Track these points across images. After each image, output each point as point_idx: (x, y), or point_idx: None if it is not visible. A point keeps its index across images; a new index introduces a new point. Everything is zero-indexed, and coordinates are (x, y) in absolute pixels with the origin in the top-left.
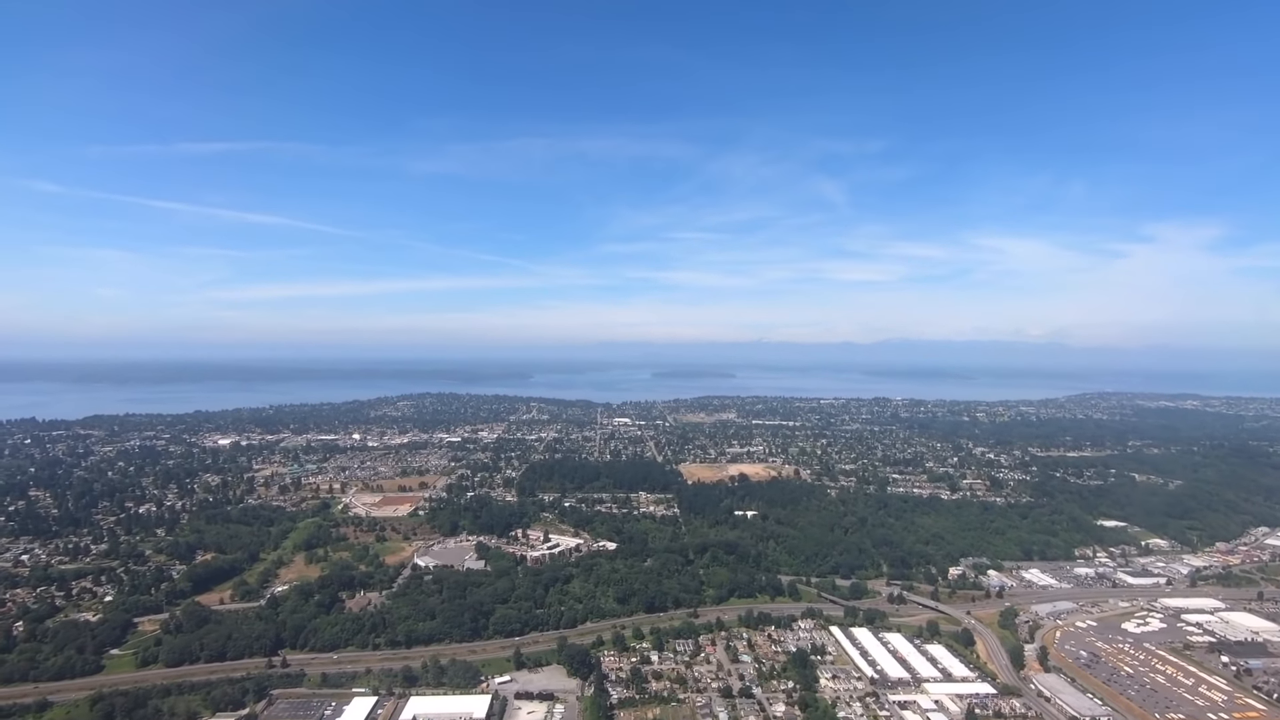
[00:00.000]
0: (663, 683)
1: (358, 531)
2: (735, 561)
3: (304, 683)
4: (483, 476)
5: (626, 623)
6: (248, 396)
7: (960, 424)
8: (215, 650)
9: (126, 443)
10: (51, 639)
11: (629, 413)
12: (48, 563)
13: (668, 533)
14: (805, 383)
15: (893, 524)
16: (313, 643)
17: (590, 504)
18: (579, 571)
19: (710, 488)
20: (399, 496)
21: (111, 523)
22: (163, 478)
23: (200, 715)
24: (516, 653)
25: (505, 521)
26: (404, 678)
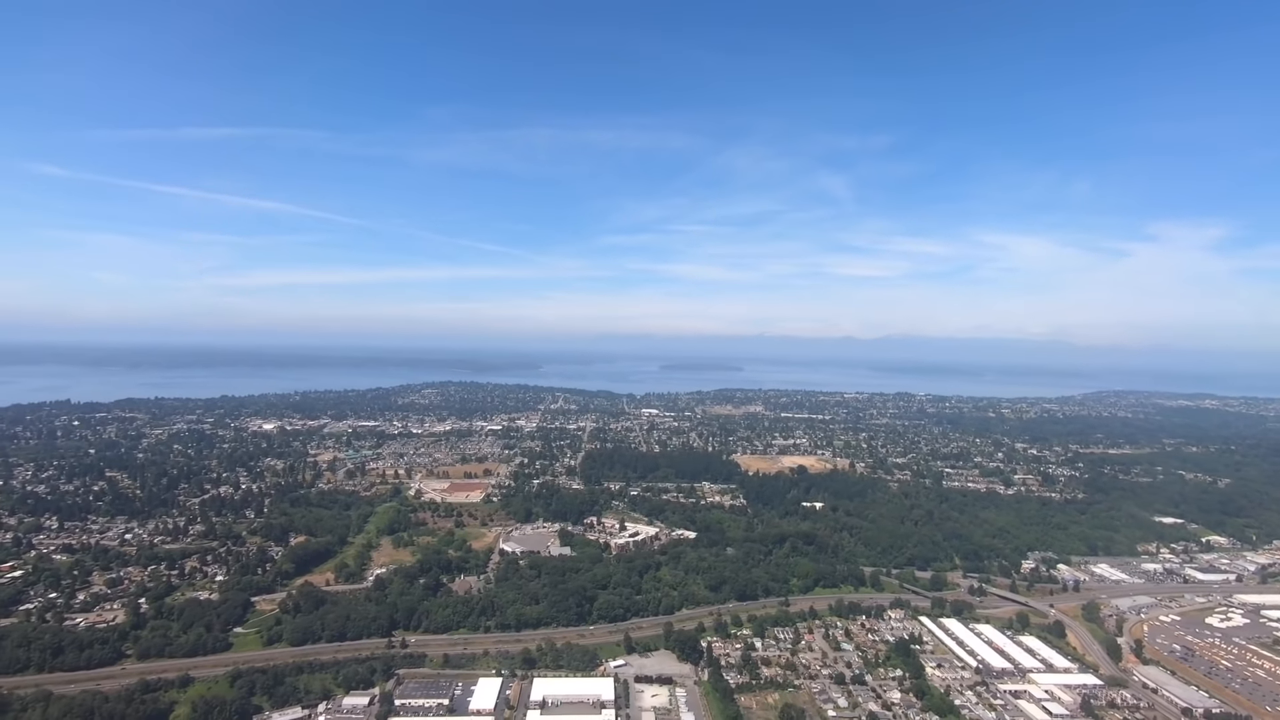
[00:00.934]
0: (773, 669)
1: (435, 517)
2: (814, 552)
3: (426, 663)
4: (541, 464)
5: (722, 610)
6: (265, 383)
7: (988, 420)
8: (335, 630)
9: (171, 426)
10: (178, 616)
11: (655, 404)
12: (151, 542)
13: (741, 523)
14: (811, 377)
15: (957, 518)
16: (425, 624)
17: (656, 493)
18: (666, 560)
19: (772, 479)
20: (466, 483)
21: (196, 504)
22: (226, 461)
23: (334, 693)
24: (626, 638)
25: (577, 509)
26: (523, 660)
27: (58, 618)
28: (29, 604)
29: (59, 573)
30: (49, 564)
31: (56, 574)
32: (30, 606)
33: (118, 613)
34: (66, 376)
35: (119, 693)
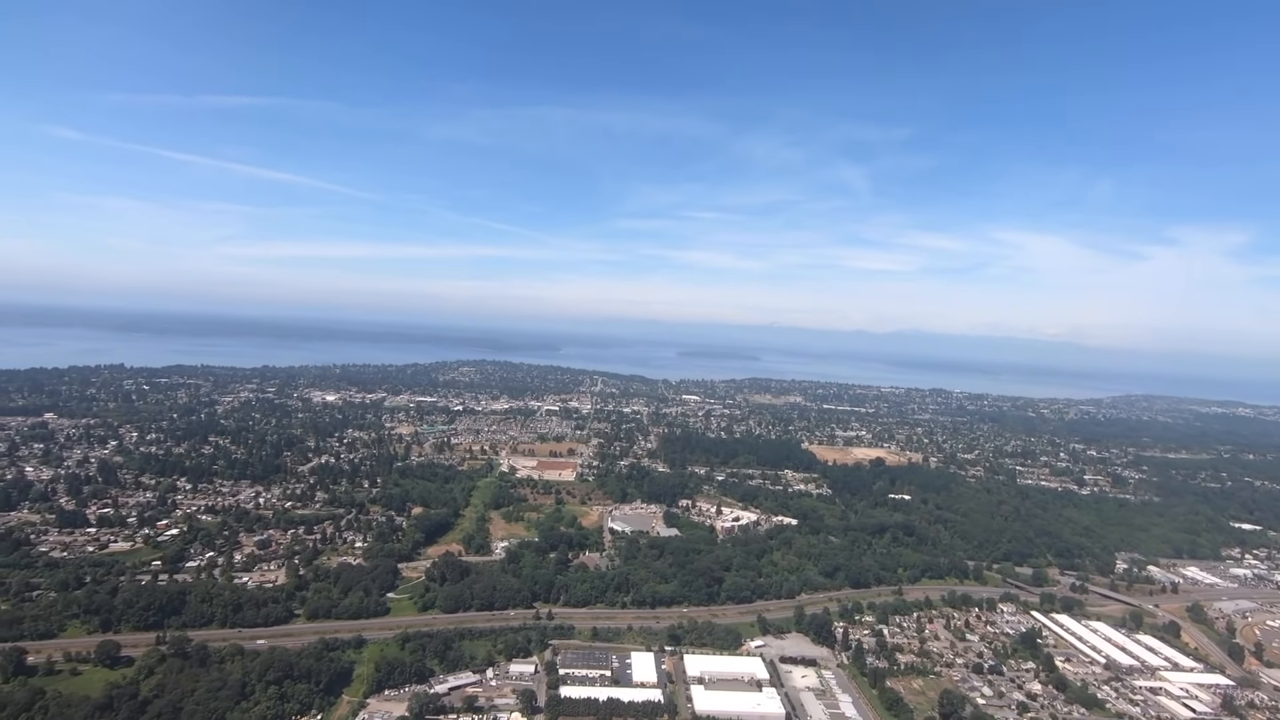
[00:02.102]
0: (908, 656)
1: (535, 493)
2: (914, 543)
3: (574, 635)
4: (619, 446)
5: (839, 595)
6: (296, 354)
7: (1029, 419)
8: (484, 600)
9: (237, 394)
10: (335, 580)
11: (694, 390)
12: (283, 507)
13: (835, 511)
14: (828, 369)
15: (1041, 515)
16: (564, 598)
17: (741, 479)
18: (776, 545)
19: (851, 470)
20: (553, 462)
21: (306, 471)
22: (311, 430)
23: (496, 659)
24: (759, 619)
25: (670, 491)
26: (668, 636)
27: (226, 576)
28: (193, 561)
29: (210, 533)
30: (198, 524)
31: (209, 534)
32: (196, 564)
33: (278, 574)
34: (99, 340)
35: (302, 650)
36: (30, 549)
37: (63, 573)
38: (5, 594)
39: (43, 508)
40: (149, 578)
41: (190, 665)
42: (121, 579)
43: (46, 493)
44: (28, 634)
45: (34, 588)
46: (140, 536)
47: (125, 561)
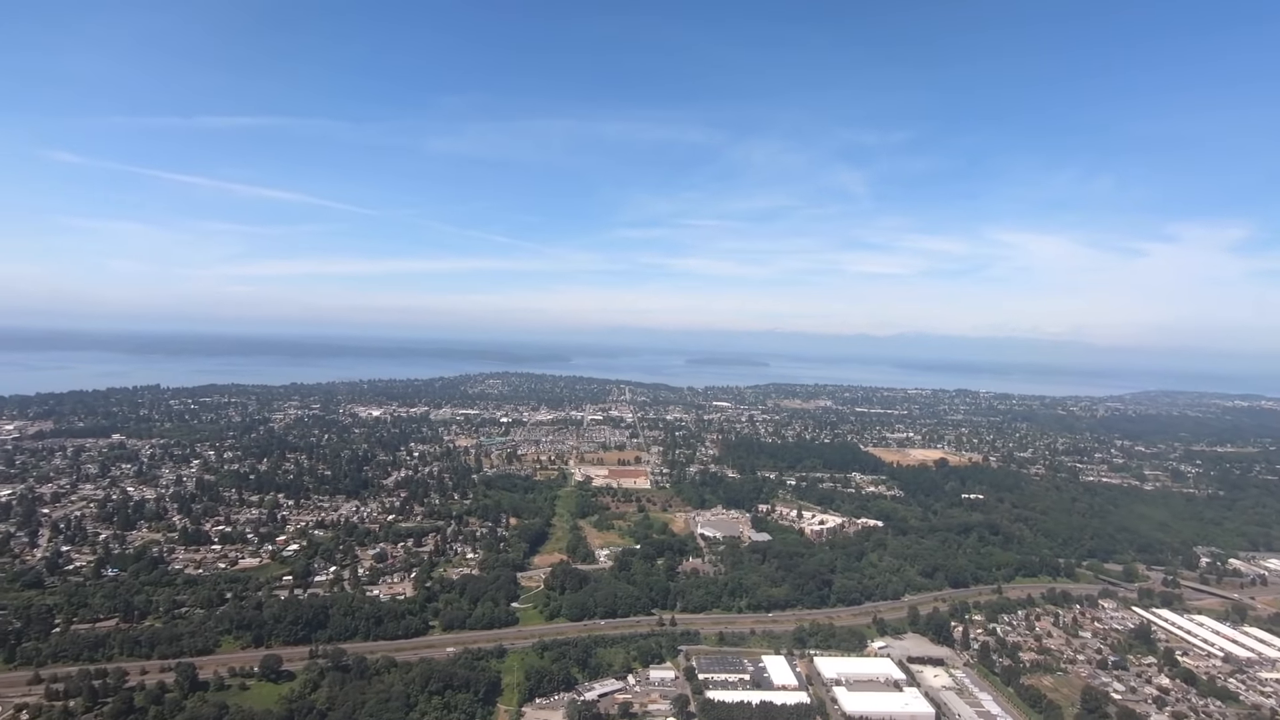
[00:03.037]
0: (1028, 654)
1: (616, 502)
2: (1001, 542)
3: (701, 640)
4: (683, 453)
5: (942, 595)
6: (317, 372)
7: (1061, 418)
8: (607, 608)
9: (285, 410)
10: (461, 591)
11: (724, 397)
12: (385, 520)
13: (915, 512)
14: (838, 373)
15: (1114, 511)
16: (680, 604)
17: (812, 483)
18: (870, 547)
19: (917, 471)
20: (623, 470)
21: (391, 484)
22: (376, 445)
23: (632, 666)
24: (875, 620)
25: (746, 496)
26: (793, 639)
27: (357, 589)
28: (320, 576)
29: (328, 547)
30: (314, 539)
31: (327, 549)
32: (325, 578)
33: (404, 586)
34: (118, 363)
35: (452, 660)
36: (165, 567)
37: (203, 590)
38: (155, 612)
39: (160, 526)
40: (285, 593)
41: (350, 678)
42: (259, 594)
43: (159, 511)
44: (187, 650)
45: (179, 605)
46: (265, 552)
47: (258, 577)
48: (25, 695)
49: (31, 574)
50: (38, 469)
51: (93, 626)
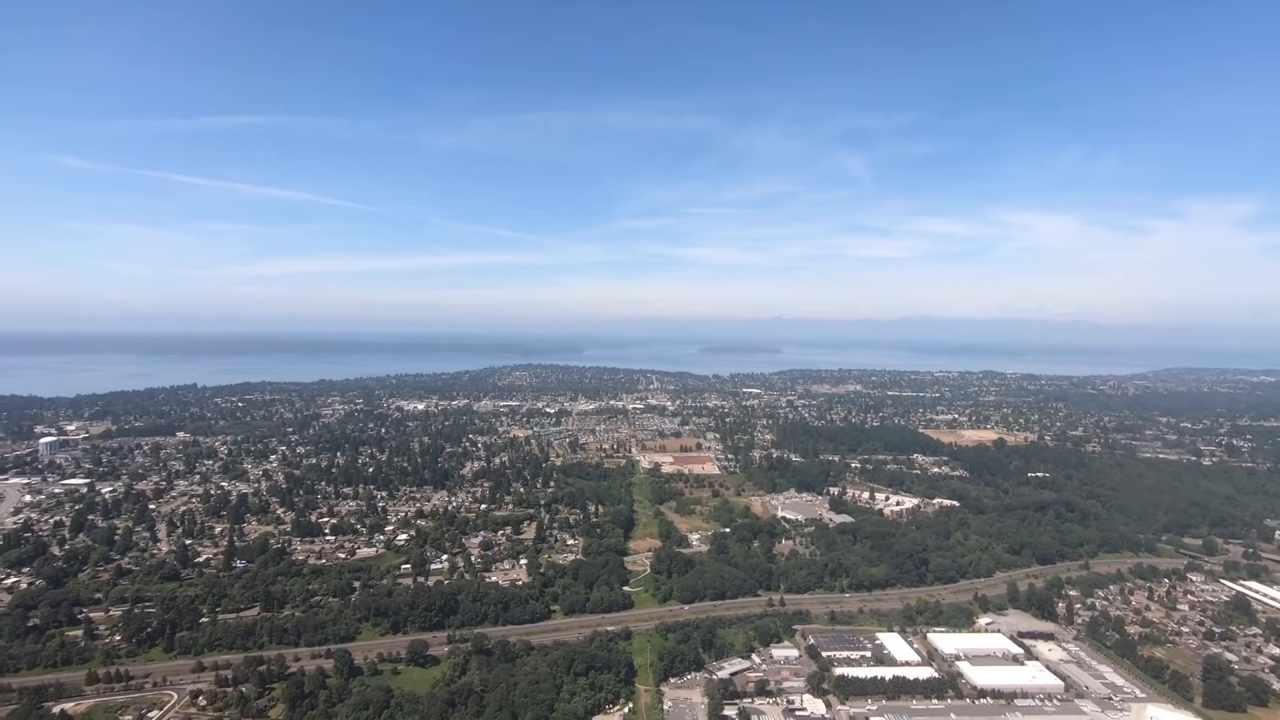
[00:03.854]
0: (1133, 627)
1: (689, 487)
2: (1078, 519)
3: (813, 620)
4: (741, 439)
5: (1032, 572)
6: (337, 369)
7: (1092, 396)
8: (716, 590)
9: (331, 407)
10: (574, 577)
11: (753, 384)
12: (480, 509)
13: (986, 492)
14: (847, 358)
15: (1180, 486)
16: (784, 585)
17: (876, 465)
18: (954, 525)
19: (975, 451)
20: (687, 457)
21: (470, 475)
22: (436, 437)
23: (754, 645)
24: (976, 596)
25: (814, 479)
26: (902, 616)
27: (475, 576)
28: (435, 564)
29: (435, 537)
30: (420, 529)
31: (436, 538)
32: (440, 566)
33: (517, 572)
34: (139, 364)
35: (583, 643)
36: (289, 558)
37: (330, 579)
38: (292, 602)
39: (268, 519)
40: (409, 581)
41: (493, 661)
42: (384, 582)
43: (263, 505)
44: (331, 638)
45: (312, 594)
46: (378, 542)
47: (378, 566)
48: (194, 682)
49: (167, 567)
50: (126, 467)
51: (237, 616)
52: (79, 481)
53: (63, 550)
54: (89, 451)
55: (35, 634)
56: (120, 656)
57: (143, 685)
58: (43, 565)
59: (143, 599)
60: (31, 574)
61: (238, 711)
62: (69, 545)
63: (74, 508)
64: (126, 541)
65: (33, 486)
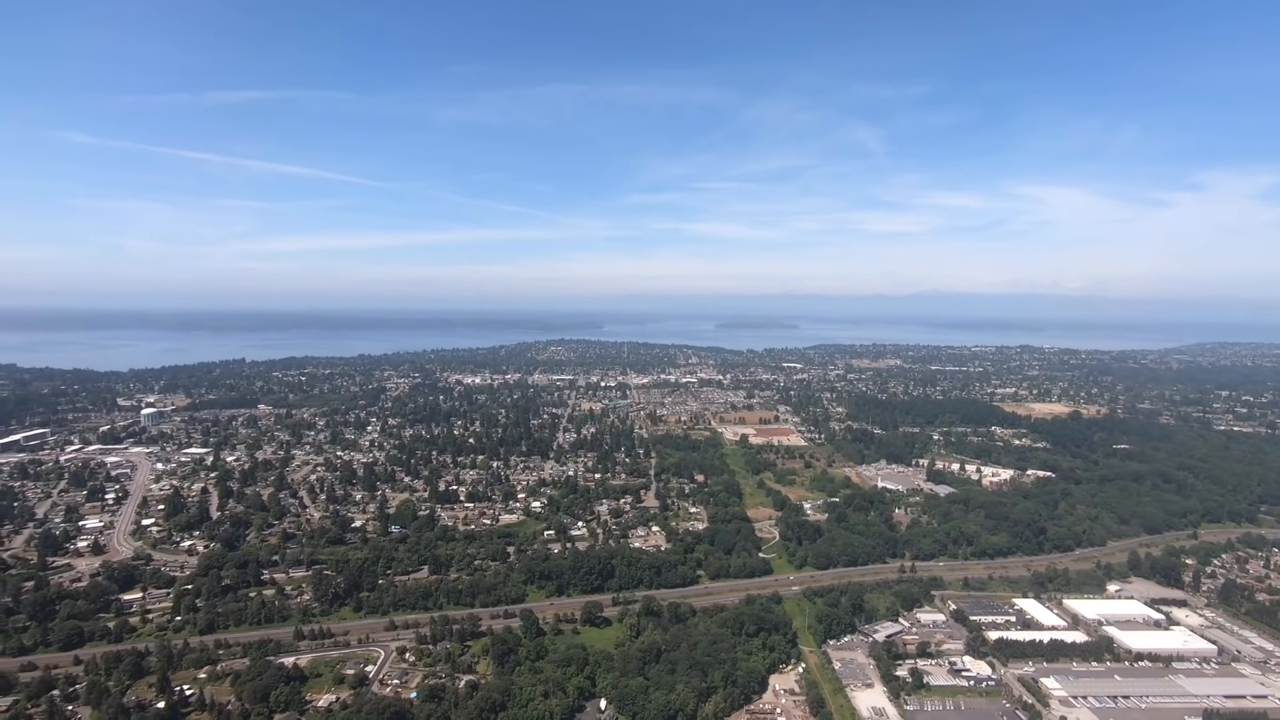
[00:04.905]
0: (1262, 595)
1: (780, 458)
2: (1174, 490)
3: (947, 586)
4: (814, 412)
5: (1143, 541)
6: (367, 344)
7: (1136, 370)
8: (848, 557)
9: (393, 381)
10: (710, 542)
11: (791, 359)
12: (600, 479)
13: (1077, 464)
14: (864, 333)
15: (1267, 458)
16: (909, 552)
17: (957, 437)
18: (1058, 496)
19: (1061, 424)
20: (768, 429)
21: (567, 446)
22: (512, 409)
23: (898, 610)
24: (1100, 564)
25: (901, 451)
26: (1032, 583)
27: (620, 542)
28: (575, 530)
29: (567, 504)
30: (552, 497)
31: (568, 505)
32: (579, 533)
33: (657, 539)
34: (172, 340)
35: (739, 607)
36: (437, 524)
37: (483, 544)
38: (455, 565)
39: (400, 487)
40: (558, 546)
41: (663, 622)
42: (534, 547)
43: (388, 474)
44: (503, 599)
45: (471, 558)
46: (515, 509)
47: (522, 532)
48: (393, 640)
49: (331, 532)
50: (236, 437)
51: (410, 578)
52: (200, 451)
53: (224, 515)
54: (187, 422)
55: (230, 594)
56: (315, 615)
57: (348, 642)
58: (211, 530)
59: (317, 561)
60: (203, 537)
61: (448, 667)
62: (226, 511)
63: (209, 475)
64: (278, 507)
65: (158, 455)
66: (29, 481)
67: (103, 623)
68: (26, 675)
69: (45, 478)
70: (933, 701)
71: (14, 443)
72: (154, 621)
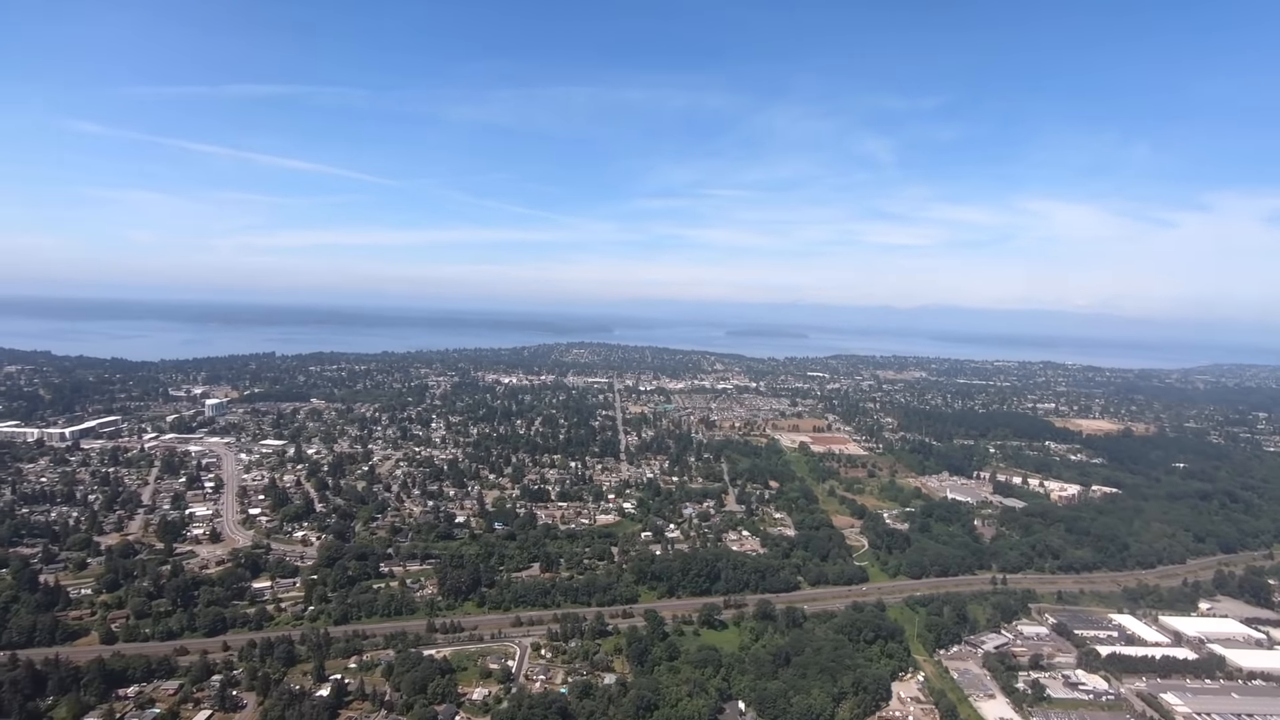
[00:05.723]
0: None
1: (843, 466)
2: (1243, 509)
3: (1039, 599)
4: (864, 421)
5: (1221, 560)
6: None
7: (1162, 389)
8: (940, 567)
9: (436, 380)
10: (804, 548)
11: (816, 368)
12: (679, 483)
13: (1140, 480)
14: (873, 344)
15: None
16: (995, 564)
17: (1014, 450)
18: (1131, 512)
19: (1115, 440)
20: (824, 437)
21: (634, 448)
22: (562, 409)
23: (998, 623)
24: (1185, 582)
25: (961, 463)
26: (1123, 598)
27: (710, 545)
28: (670, 532)
29: (656, 505)
30: (641, 499)
31: (657, 506)
32: (674, 534)
33: (751, 543)
34: (188, 331)
35: (845, 612)
36: (538, 522)
37: (586, 543)
38: (564, 565)
39: (490, 484)
40: (658, 547)
41: (778, 626)
42: (636, 548)
43: (473, 471)
44: (619, 599)
45: (578, 557)
46: (610, 510)
47: (619, 532)
48: (523, 636)
49: (441, 527)
50: (306, 430)
51: (522, 575)
52: (277, 443)
53: (328, 508)
54: (250, 414)
55: (353, 585)
56: (441, 609)
57: (480, 636)
58: (321, 521)
59: (430, 555)
60: (313, 528)
61: (587, 664)
62: (329, 503)
63: (294, 467)
64: (377, 501)
65: (235, 446)
66: (122, 468)
67: (239, 609)
68: (184, 659)
69: (136, 464)
70: (1056, 714)
71: (91, 429)
72: (288, 610)
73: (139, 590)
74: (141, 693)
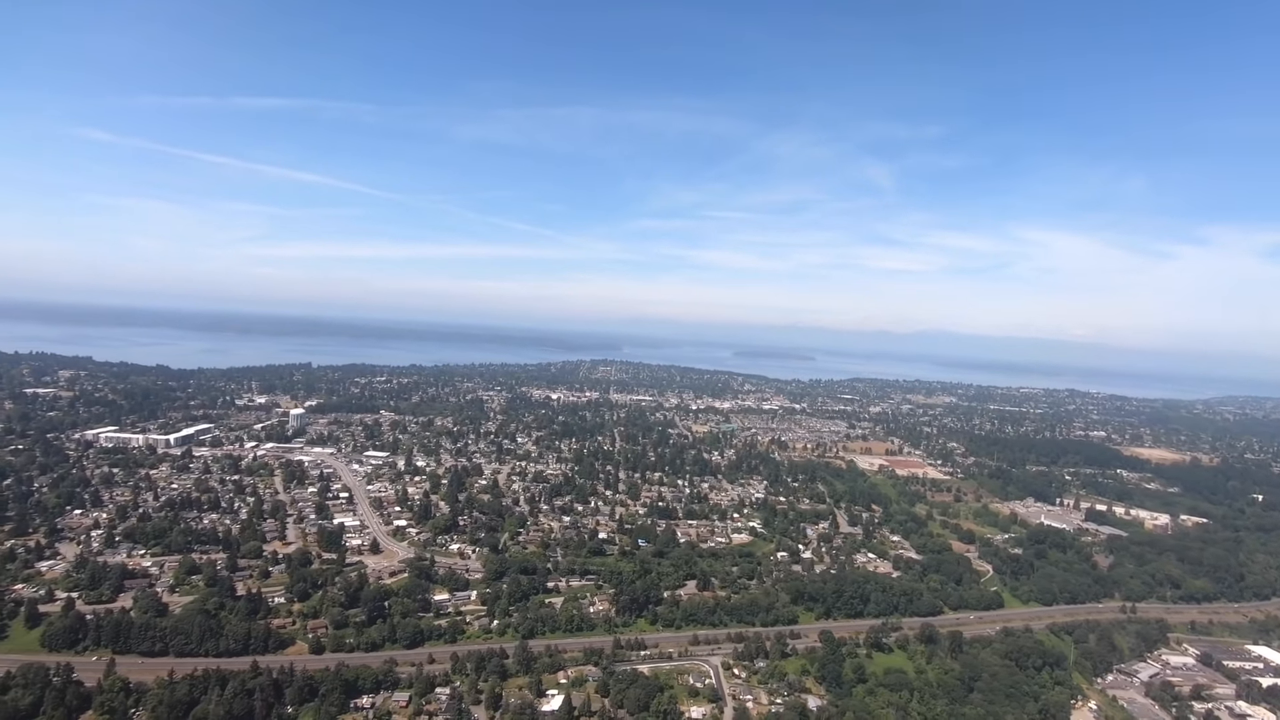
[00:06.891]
0: None
1: (928, 490)
2: None
3: (1172, 629)
4: (931, 445)
5: None
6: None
7: (1191, 419)
8: (1068, 594)
9: (487, 393)
10: (935, 571)
11: (846, 391)
12: (765, 500)
13: (1225, 510)
14: (876, 368)
15: None
16: (1118, 592)
17: (1087, 478)
18: (1233, 543)
19: (1187, 470)
20: (900, 460)
21: (724, 465)
22: (629, 426)
23: (1142, 652)
24: None
25: (1040, 489)
26: (1255, 629)
27: (842, 567)
28: (805, 553)
29: (780, 525)
30: (765, 518)
31: (781, 526)
32: (807, 555)
33: (882, 565)
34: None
35: (1003, 637)
36: (679, 542)
37: (738, 562)
38: (718, 583)
39: (609, 501)
40: (797, 567)
41: (939, 650)
42: (778, 569)
43: (590, 488)
44: (779, 619)
45: (730, 576)
46: (743, 530)
47: (756, 551)
48: (708, 654)
49: (592, 543)
50: (401, 443)
51: (681, 593)
52: (381, 454)
53: (471, 520)
54: (332, 425)
55: (526, 600)
56: (618, 626)
57: (669, 654)
58: (473, 535)
59: (589, 571)
60: (464, 541)
61: (783, 685)
62: (470, 517)
63: (414, 479)
64: (513, 515)
65: (343, 457)
66: (244, 475)
67: (429, 621)
68: (403, 671)
69: (256, 472)
70: None
71: (189, 437)
72: (474, 624)
73: (334, 600)
74: (374, 704)
